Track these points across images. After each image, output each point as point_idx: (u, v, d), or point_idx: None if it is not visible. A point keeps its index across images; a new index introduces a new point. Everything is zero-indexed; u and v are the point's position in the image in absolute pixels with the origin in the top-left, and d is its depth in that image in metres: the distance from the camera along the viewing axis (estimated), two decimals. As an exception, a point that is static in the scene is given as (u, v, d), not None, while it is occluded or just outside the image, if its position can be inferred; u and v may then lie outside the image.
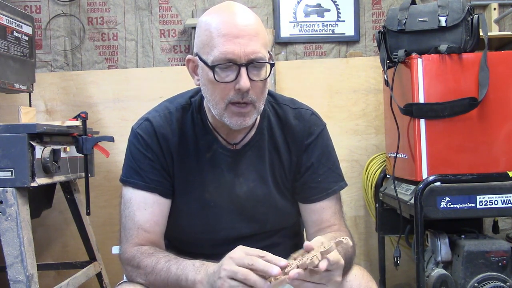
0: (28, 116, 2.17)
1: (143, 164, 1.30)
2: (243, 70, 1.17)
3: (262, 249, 1.28)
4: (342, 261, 1.07)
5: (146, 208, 1.28)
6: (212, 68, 1.18)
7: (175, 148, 1.31)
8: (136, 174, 1.30)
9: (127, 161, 1.33)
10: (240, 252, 1.05)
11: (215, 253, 1.19)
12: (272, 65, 1.23)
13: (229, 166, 1.33)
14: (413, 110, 2.02)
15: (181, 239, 1.38)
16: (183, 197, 1.33)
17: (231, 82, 1.18)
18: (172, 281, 1.15)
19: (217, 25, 1.19)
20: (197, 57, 1.24)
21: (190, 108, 1.35)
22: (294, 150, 1.36)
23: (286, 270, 1.03)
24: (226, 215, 1.34)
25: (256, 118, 1.34)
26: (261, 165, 1.34)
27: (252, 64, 1.18)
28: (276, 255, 1.06)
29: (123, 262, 1.28)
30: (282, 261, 1.03)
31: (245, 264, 1.02)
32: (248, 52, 1.16)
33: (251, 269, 1.01)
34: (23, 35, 2.23)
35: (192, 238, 1.36)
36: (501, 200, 1.94)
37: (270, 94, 1.40)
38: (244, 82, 1.17)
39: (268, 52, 1.25)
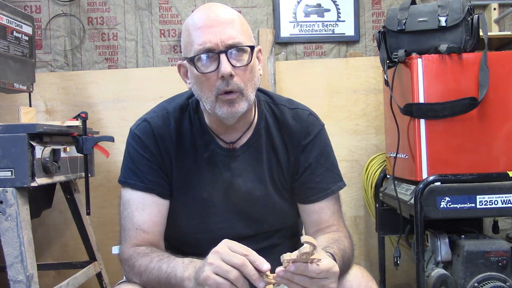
0: (28, 116, 2.17)
1: (140, 165, 1.30)
2: (223, 57, 1.18)
3: (261, 250, 1.28)
4: (336, 269, 1.06)
5: (144, 209, 1.29)
6: (192, 60, 1.20)
7: (173, 149, 1.32)
8: (134, 175, 1.30)
9: (125, 162, 1.33)
10: (225, 248, 1.03)
11: (214, 253, 1.19)
12: (252, 48, 1.23)
13: (227, 166, 1.33)
14: (413, 110, 2.02)
15: (180, 239, 1.38)
16: (181, 197, 1.33)
17: (214, 71, 1.20)
18: (163, 279, 1.16)
19: (193, 22, 1.23)
20: (184, 61, 1.26)
21: (187, 109, 1.35)
22: (292, 151, 1.36)
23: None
24: (225, 214, 1.34)
25: (253, 118, 1.34)
26: (259, 166, 1.34)
27: (231, 49, 1.19)
28: (275, 256, 1.06)
29: (121, 262, 1.29)
30: (265, 264, 1.01)
31: (233, 263, 1.00)
32: (224, 38, 1.18)
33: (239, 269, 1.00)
34: (23, 35, 2.23)
35: (191, 238, 1.36)
36: (501, 200, 1.93)
37: (267, 94, 1.41)
38: (225, 67, 1.18)
39: (255, 46, 1.25)
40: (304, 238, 1.00)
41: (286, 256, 1.01)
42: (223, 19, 1.21)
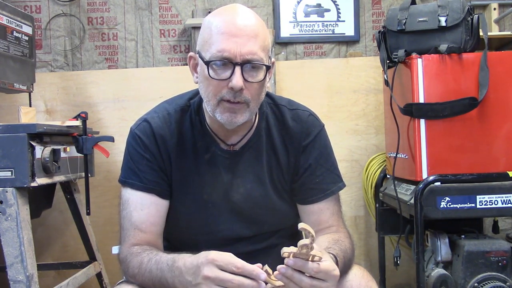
0: (28, 116, 2.17)
1: (141, 165, 1.30)
2: (238, 69, 1.17)
3: (261, 250, 1.28)
4: (337, 272, 1.06)
5: (143, 209, 1.29)
6: (207, 64, 1.19)
7: (173, 149, 1.31)
8: (134, 174, 1.30)
9: (125, 161, 1.33)
10: (220, 256, 1.04)
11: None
12: (268, 68, 1.22)
13: (227, 168, 1.33)
14: (413, 110, 2.02)
15: (180, 240, 1.38)
16: (181, 198, 1.33)
17: (225, 80, 1.19)
18: (157, 281, 1.17)
19: (218, 24, 1.20)
20: (197, 55, 1.25)
21: (188, 110, 1.35)
22: (292, 152, 1.35)
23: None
24: (224, 216, 1.34)
25: (254, 120, 1.34)
26: (259, 167, 1.34)
27: (247, 64, 1.18)
28: (275, 256, 1.06)
29: (119, 262, 1.29)
30: (262, 274, 1.02)
31: (231, 270, 1.01)
32: (244, 52, 1.17)
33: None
34: (23, 35, 2.23)
35: (191, 239, 1.36)
36: (501, 200, 1.93)
37: (267, 95, 1.41)
38: (237, 81, 1.17)
39: (270, 57, 1.25)
40: (300, 225, 1.00)
41: (286, 249, 1.01)
42: (249, 31, 1.18)
